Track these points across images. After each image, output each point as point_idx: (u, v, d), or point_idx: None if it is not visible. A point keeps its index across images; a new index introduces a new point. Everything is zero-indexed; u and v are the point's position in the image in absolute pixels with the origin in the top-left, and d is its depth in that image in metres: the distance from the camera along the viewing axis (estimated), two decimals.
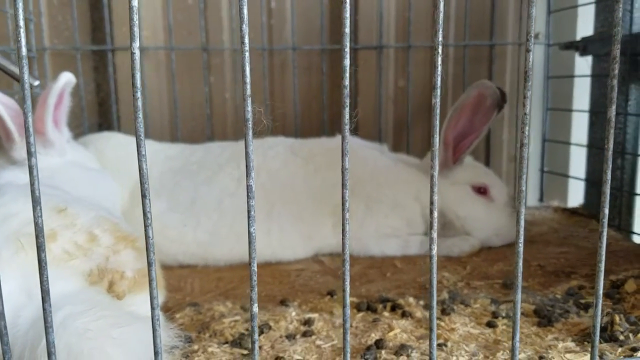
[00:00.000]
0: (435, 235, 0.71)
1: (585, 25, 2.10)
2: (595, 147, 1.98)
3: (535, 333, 1.13)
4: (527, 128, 0.70)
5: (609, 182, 0.73)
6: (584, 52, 1.99)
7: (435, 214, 0.73)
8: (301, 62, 2.14)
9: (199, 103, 2.12)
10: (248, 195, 0.67)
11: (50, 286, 0.88)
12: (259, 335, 1.11)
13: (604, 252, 0.76)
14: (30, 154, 0.61)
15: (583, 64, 2.07)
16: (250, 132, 0.67)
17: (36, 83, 1.39)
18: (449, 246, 1.69)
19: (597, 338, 0.76)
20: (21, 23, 0.60)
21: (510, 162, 2.29)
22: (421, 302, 1.30)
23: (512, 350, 0.73)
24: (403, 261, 1.67)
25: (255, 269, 0.71)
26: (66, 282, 0.90)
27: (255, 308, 0.68)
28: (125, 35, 2.05)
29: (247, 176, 0.67)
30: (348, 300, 0.70)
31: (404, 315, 1.23)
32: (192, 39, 2.09)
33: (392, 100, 2.20)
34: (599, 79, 1.94)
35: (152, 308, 0.65)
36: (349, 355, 0.73)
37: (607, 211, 0.75)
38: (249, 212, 0.67)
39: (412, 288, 1.44)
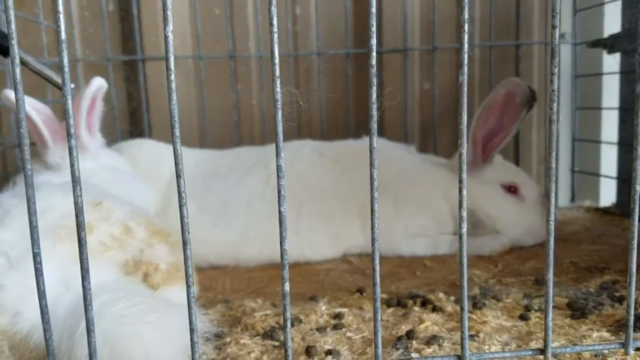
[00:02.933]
0: (464, 214, 0.71)
1: (611, 23, 2.08)
2: (626, 144, 1.95)
3: (569, 325, 1.12)
4: (555, 104, 0.71)
5: None
6: (611, 50, 1.97)
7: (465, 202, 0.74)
8: (326, 67, 2.16)
9: (227, 110, 2.15)
10: (278, 175, 0.69)
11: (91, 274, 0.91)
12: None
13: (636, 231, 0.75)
14: (69, 135, 0.64)
15: (611, 62, 2.04)
16: (280, 113, 0.69)
17: (72, 86, 1.43)
18: (479, 245, 1.68)
19: (632, 317, 0.75)
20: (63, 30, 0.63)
21: (540, 163, 2.27)
22: (452, 298, 1.29)
23: (545, 330, 0.72)
24: (432, 260, 1.67)
25: (287, 248, 0.72)
26: (103, 272, 0.93)
27: (287, 286, 0.69)
28: (154, 45, 2.10)
29: (277, 156, 0.68)
30: (378, 277, 0.71)
31: (435, 309, 1.22)
32: (219, 47, 2.13)
33: (417, 103, 2.21)
34: (627, 75, 1.92)
35: (188, 286, 0.67)
36: (380, 337, 0.74)
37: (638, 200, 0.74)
38: (279, 192, 0.68)
39: (442, 285, 1.43)
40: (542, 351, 0.75)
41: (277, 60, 0.67)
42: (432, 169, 1.79)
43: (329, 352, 0.99)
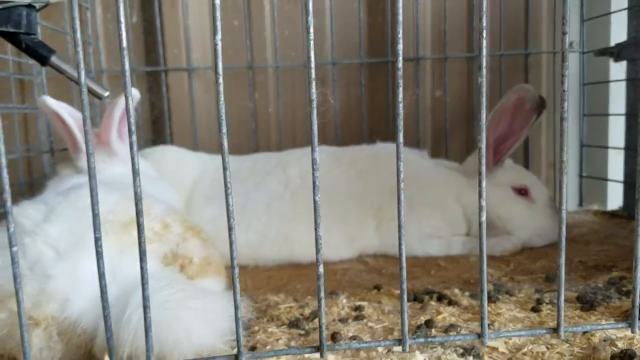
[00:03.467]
0: (484, 203, 0.78)
1: (618, 32, 2.15)
2: (632, 149, 2.01)
3: (579, 315, 1.17)
4: (565, 104, 0.78)
5: None
6: (618, 58, 2.04)
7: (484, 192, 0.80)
8: (340, 76, 2.24)
9: (245, 118, 2.23)
10: (313, 168, 0.76)
11: (131, 267, 0.99)
12: (312, 321, 1.19)
13: None
14: (130, 132, 0.71)
15: (618, 71, 2.11)
16: (315, 112, 0.76)
17: (106, 94, 1.52)
18: (491, 245, 1.74)
19: (638, 297, 0.81)
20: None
21: (549, 167, 2.33)
22: (466, 293, 1.35)
23: (558, 297, 0.79)
24: (446, 260, 1.73)
25: (321, 234, 0.79)
26: (148, 264, 0.99)
27: (321, 268, 0.76)
28: (176, 56, 2.19)
29: (312, 150, 0.76)
30: (404, 255, 0.77)
31: (450, 303, 1.29)
32: (238, 58, 2.22)
33: (429, 110, 2.28)
34: (634, 82, 1.98)
35: (233, 267, 0.74)
36: (406, 313, 0.80)
37: None
38: (314, 182, 0.75)
39: (457, 282, 1.49)
40: (555, 330, 0.82)
41: (312, 64, 0.74)
42: (444, 172, 1.86)
43: (353, 338, 1.05)
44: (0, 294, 0.97)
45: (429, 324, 1.12)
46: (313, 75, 0.75)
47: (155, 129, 2.26)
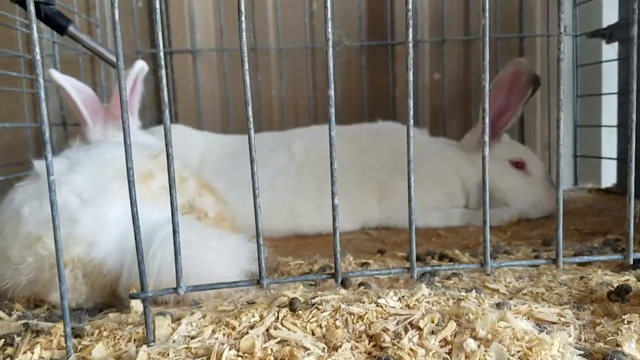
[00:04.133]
0: (487, 161, 0.84)
1: (609, 14, 2.22)
2: (625, 126, 2.07)
3: (576, 268, 1.23)
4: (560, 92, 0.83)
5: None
6: (610, 39, 2.11)
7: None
8: (342, 59, 2.30)
9: None
10: (330, 104, 0.81)
11: (150, 214, 1.04)
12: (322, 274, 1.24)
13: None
14: (164, 105, 0.77)
15: (610, 52, 2.18)
16: (330, 50, 0.81)
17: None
18: (489, 216, 1.80)
19: (632, 229, 0.87)
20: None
21: (544, 148, 2.39)
22: (466, 253, 1.41)
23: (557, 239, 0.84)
24: (445, 230, 1.79)
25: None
26: (165, 211, 1.04)
27: (335, 188, 0.82)
28: (180, 38, 2.24)
29: (328, 87, 0.81)
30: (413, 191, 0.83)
31: (451, 260, 1.35)
32: None
33: (428, 92, 2.34)
34: (625, 61, 2.05)
35: (256, 215, 0.80)
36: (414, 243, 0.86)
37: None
38: (330, 119, 0.81)
39: (457, 248, 1.55)
40: (554, 261, 0.87)
41: (329, 4, 0.79)
42: (444, 147, 1.92)
43: (361, 284, 1.11)
44: (28, 239, 1.02)
45: (432, 273, 1.17)
46: (329, 15, 0.80)
47: (160, 110, 2.30)
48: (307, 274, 1.21)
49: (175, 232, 0.79)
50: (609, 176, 2.27)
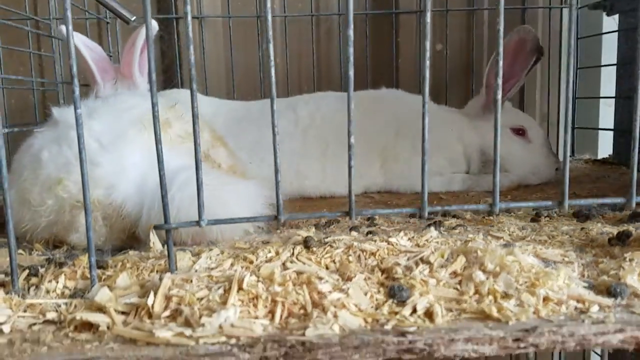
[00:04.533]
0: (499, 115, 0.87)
1: None
2: (623, 98, 2.11)
3: (576, 223, 1.27)
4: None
5: None
6: (611, 11, 2.14)
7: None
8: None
9: (253, 67, 2.31)
10: (347, 44, 0.84)
11: (170, 160, 1.07)
12: (329, 227, 1.28)
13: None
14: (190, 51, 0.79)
15: (610, 24, 2.21)
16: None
17: (133, 18, 1.59)
18: (489, 181, 1.84)
19: (635, 173, 0.90)
20: None
21: (543, 120, 2.43)
22: (469, 213, 1.45)
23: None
24: (447, 194, 1.82)
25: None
26: (182, 158, 1.08)
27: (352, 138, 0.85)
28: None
29: (346, 26, 0.83)
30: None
31: (455, 217, 1.38)
32: (247, 8, 2.29)
33: (430, 63, 2.36)
34: (625, 33, 2.08)
35: (275, 150, 0.83)
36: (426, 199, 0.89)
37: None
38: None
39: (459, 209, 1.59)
40: (560, 203, 0.91)
41: None
42: (447, 113, 1.95)
43: (369, 232, 1.14)
44: (48, 182, 1.05)
45: (437, 224, 1.21)
46: None
47: (166, 77, 2.32)
48: (315, 227, 1.25)
49: (197, 166, 0.82)
50: (605, 147, 2.31)
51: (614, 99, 2.20)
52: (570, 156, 2.40)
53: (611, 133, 2.26)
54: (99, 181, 1.03)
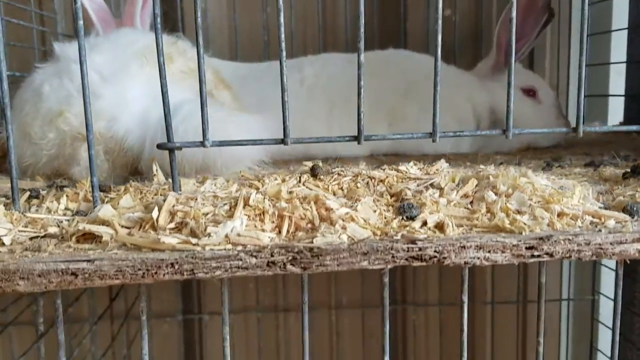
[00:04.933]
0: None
1: None
2: (634, 62, 2.08)
3: (588, 169, 1.25)
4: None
5: None
6: None
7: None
8: None
9: (256, 30, 2.28)
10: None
11: (172, 95, 1.05)
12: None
13: None
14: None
15: None
16: None
17: None
18: (499, 142, 1.81)
19: None
20: None
21: (552, 89, 2.39)
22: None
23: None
24: (455, 156, 1.80)
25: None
26: (185, 93, 1.06)
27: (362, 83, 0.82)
28: None
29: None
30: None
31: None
32: None
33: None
34: None
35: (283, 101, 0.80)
36: None
37: None
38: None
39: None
40: (575, 129, 0.89)
41: None
42: (457, 73, 1.92)
43: (372, 177, 1.12)
44: (49, 115, 1.03)
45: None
46: None
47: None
48: None
49: (201, 89, 0.79)
50: (616, 114, 2.28)
51: (625, 65, 2.16)
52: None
53: (621, 101, 2.22)
54: (100, 113, 1.01)
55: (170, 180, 0.86)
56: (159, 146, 0.81)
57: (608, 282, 2.34)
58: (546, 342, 2.33)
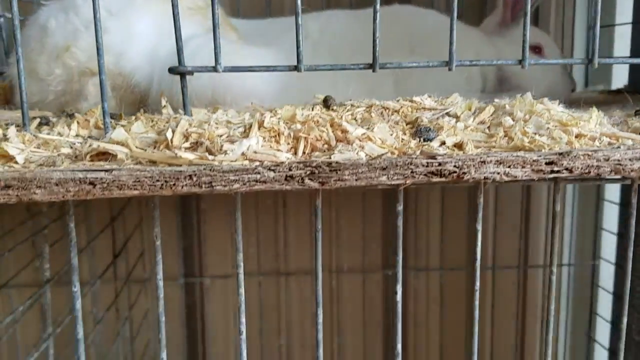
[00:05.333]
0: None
1: None
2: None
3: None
4: None
5: None
6: None
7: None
8: None
9: None
10: None
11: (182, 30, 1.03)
12: None
13: None
14: None
15: None
16: None
17: None
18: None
19: None
20: None
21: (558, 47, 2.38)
22: None
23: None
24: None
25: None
26: (193, 29, 1.04)
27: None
28: None
29: None
30: None
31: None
32: None
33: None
34: None
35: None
36: None
37: None
38: None
39: None
40: (590, 60, 0.88)
41: None
42: (464, 29, 1.89)
43: (386, 108, 1.11)
44: (56, 50, 1.01)
45: None
46: None
47: None
48: None
49: (214, 12, 0.78)
50: (619, 77, 2.27)
51: (630, 25, 2.14)
52: (584, 87, 2.38)
53: (626, 68, 2.21)
54: (108, 48, 0.98)
55: (181, 111, 0.85)
56: (171, 70, 0.80)
57: (609, 247, 2.35)
58: (547, 307, 2.35)
